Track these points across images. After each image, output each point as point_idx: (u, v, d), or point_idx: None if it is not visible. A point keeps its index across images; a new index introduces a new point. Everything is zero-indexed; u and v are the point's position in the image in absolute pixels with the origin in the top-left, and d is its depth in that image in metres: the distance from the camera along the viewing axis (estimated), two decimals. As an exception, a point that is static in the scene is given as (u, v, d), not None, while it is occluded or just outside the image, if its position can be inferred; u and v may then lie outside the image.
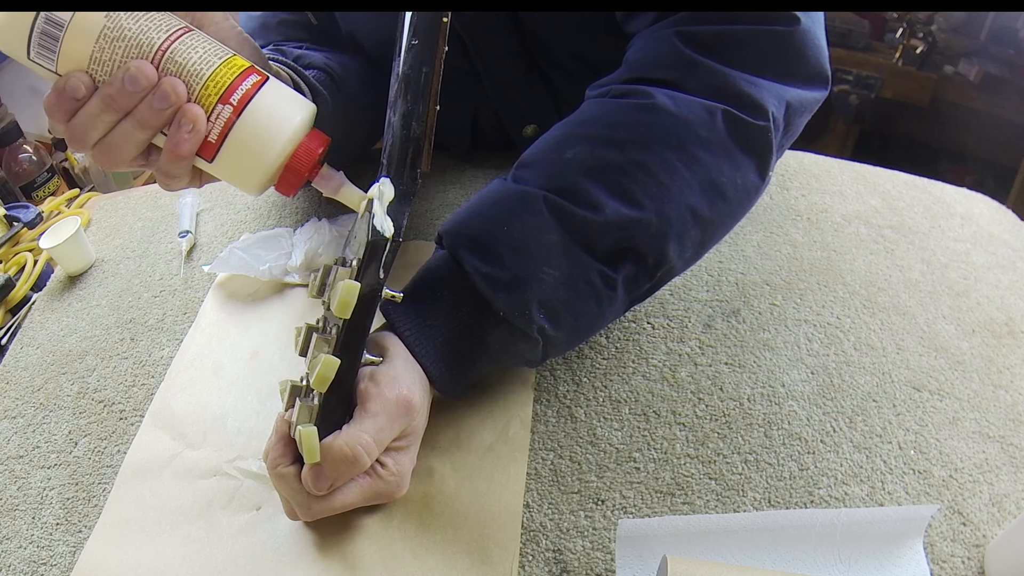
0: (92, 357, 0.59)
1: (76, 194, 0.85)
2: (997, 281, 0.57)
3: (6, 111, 1.43)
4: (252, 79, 0.37)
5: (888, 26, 1.72)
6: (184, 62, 0.36)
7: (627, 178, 0.43)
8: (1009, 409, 0.47)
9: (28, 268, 0.71)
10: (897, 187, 0.69)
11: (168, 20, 0.37)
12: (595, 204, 0.43)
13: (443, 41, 0.43)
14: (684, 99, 0.45)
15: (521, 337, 0.43)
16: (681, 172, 0.43)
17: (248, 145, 0.37)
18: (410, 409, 0.41)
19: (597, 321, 0.46)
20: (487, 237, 0.43)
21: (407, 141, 0.42)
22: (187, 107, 0.36)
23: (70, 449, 0.51)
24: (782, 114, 0.46)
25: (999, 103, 1.61)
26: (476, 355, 0.45)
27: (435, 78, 0.42)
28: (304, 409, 0.40)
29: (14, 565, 0.44)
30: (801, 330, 0.53)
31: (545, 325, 0.43)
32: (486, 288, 0.42)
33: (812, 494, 0.43)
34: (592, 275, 0.43)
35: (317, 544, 0.42)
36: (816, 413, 0.47)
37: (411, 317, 0.44)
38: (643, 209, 0.43)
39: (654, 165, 0.43)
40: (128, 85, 0.35)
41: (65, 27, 0.35)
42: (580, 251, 0.43)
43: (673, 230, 0.44)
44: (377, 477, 0.41)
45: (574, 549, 0.41)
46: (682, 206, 0.44)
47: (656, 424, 0.47)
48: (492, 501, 0.43)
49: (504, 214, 0.43)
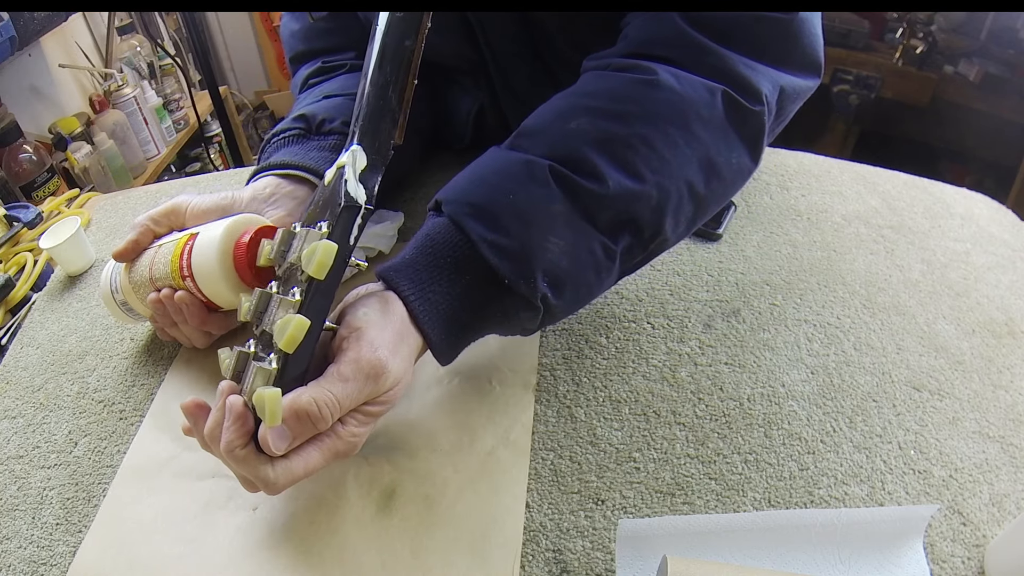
0: (92, 357, 0.59)
1: (76, 194, 0.85)
2: (997, 281, 0.57)
3: (6, 111, 1.43)
4: (188, 247, 0.50)
5: (888, 26, 1.72)
6: (162, 272, 0.52)
7: (631, 151, 0.43)
8: (1009, 409, 0.47)
9: (28, 268, 0.71)
10: (897, 187, 0.69)
11: (152, 251, 0.53)
12: (599, 176, 0.43)
13: (427, 17, 0.44)
14: (686, 77, 0.45)
15: (524, 305, 0.43)
16: (682, 148, 0.44)
17: (205, 283, 0.49)
18: (379, 375, 0.39)
19: (594, 290, 0.46)
20: (492, 205, 0.42)
21: (383, 111, 0.43)
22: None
23: (70, 449, 0.51)
24: (775, 99, 0.47)
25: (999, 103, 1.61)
26: (477, 323, 0.44)
27: (416, 51, 0.43)
28: (261, 372, 0.38)
29: (14, 565, 0.44)
30: (801, 330, 0.53)
31: (548, 294, 0.43)
32: (492, 256, 0.41)
33: (812, 494, 0.43)
34: (594, 246, 0.43)
35: (316, 544, 0.42)
36: (816, 413, 0.47)
37: (414, 283, 0.43)
38: (645, 182, 0.43)
39: (657, 140, 0.43)
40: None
41: (125, 295, 0.54)
42: (583, 222, 0.43)
43: (671, 204, 0.44)
44: (336, 437, 0.40)
45: (574, 549, 0.41)
46: (681, 181, 0.44)
47: (656, 424, 0.47)
48: (494, 503, 0.43)
49: (509, 182, 0.43)
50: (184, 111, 2.09)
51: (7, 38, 1.35)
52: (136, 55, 1.93)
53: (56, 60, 1.70)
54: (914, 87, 1.69)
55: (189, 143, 2.09)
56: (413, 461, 0.46)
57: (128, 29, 1.91)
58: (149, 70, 1.97)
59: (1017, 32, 1.60)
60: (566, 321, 0.55)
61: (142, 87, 1.88)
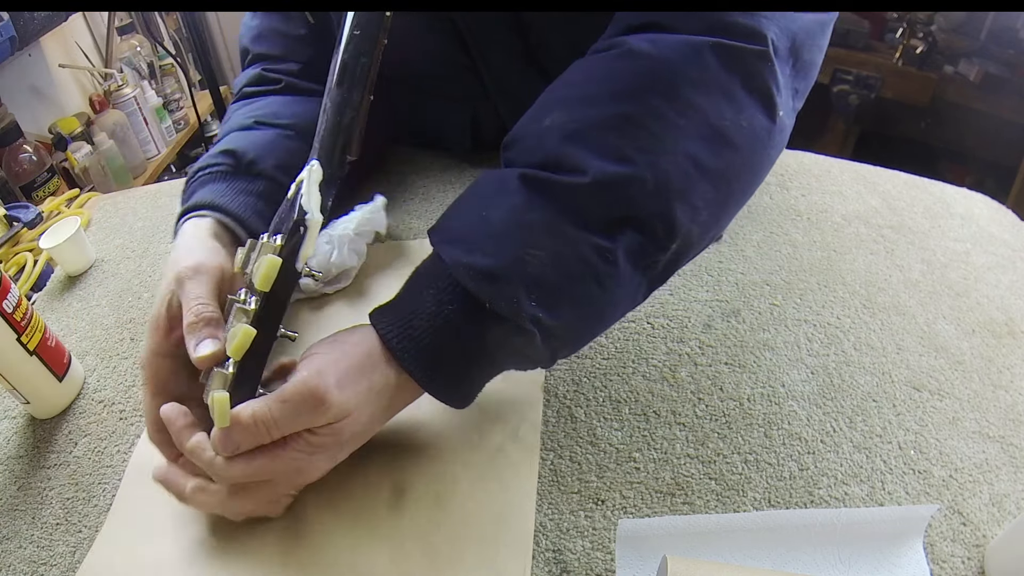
0: (92, 357, 0.59)
1: (76, 194, 0.85)
2: (997, 281, 0.57)
3: (6, 111, 1.43)
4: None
5: (888, 26, 1.72)
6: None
7: (612, 134, 0.39)
8: (1009, 409, 0.47)
9: (28, 268, 0.71)
10: (897, 187, 0.69)
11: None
12: (578, 168, 0.38)
13: (384, 34, 0.44)
14: (663, 39, 0.40)
15: (515, 331, 0.39)
16: (673, 120, 0.38)
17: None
18: (318, 404, 0.38)
19: (605, 305, 0.41)
20: (467, 227, 0.41)
21: (339, 127, 0.43)
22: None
23: (70, 449, 0.51)
24: (786, 45, 0.41)
25: (999, 103, 1.61)
26: (470, 357, 0.41)
27: (372, 68, 0.44)
28: (219, 376, 0.40)
29: (14, 565, 0.44)
30: (801, 330, 0.53)
31: (539, 314, 0.38)
32: (468, 279, 0.39)
33: (812, 494, 0.43)
34: (585, 251, 0.38)
35: (326, 546, 0.42)
36: (816, 413, 0.47)
37: (396, 317, 0.41)
38: (634, 164, 0.38)
39: (641, 116, 0.39)
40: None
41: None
42: (568, 226, 0.38)
43: (675, 186, 0.38)
44: (276, 456, 0.40)
45: (574, 549, 0.41)
46: (680, 157, 0.38)
47: (656, 424, 0.47)
48: (503, 501, 0.43)
49: (483, 200, 0.41)
50: (184, 111, 2.09)
51: (7, 38, 1.35)
52: (136, 55, 1.93)
53: (56, 60, 1.70)
54: (914, 87, 1.69)
55: (189, 143, 2.09)
56: (422, 459, 0.46)
57: (128, 29, 1.91)
58: (149, 70, 1.97)
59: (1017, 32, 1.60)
60: (566, 321, 0.55)
61: (142, 87, 1.88)
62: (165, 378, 0.45)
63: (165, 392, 0.44)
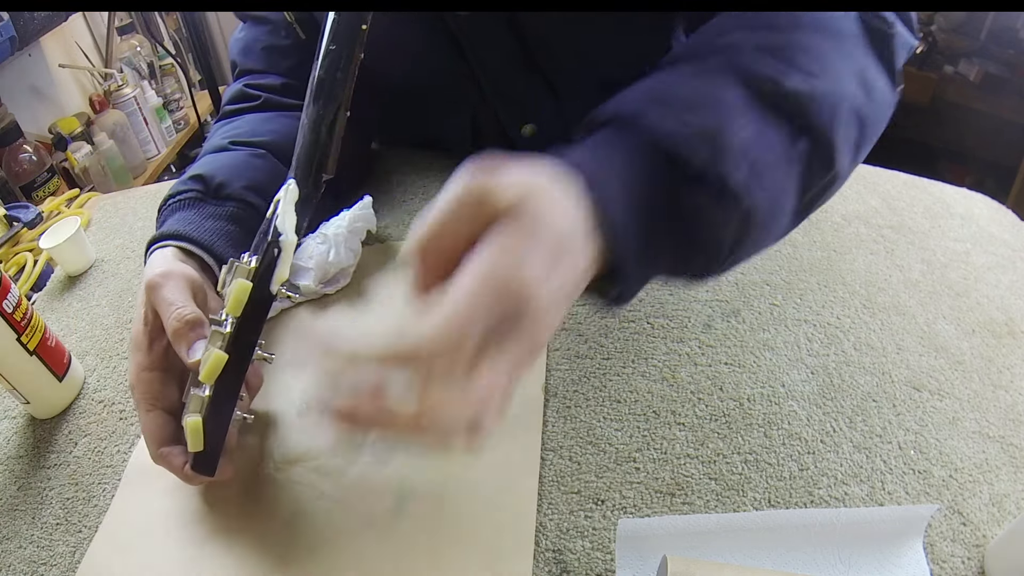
0: (92, 357, 0.59)
1: (76, 194, 0.85)
2: (997, 281, 0.57)
3: (6, 111, 1.43)
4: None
5: (888, 26, 1.71)
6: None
7: (797, 53, 0.39)
8: (1009, 409, 0.47)
9: (28, 268, 0.71)
10: (897, 187, 0.69)
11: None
12: (773, 71, 0.38)
13: (360, 48, 0.43)
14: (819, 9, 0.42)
15: (716, 196, 0.34)
16: (837, 61, 0.40)
17: None
18: (520, 300, 0.28)
19: (783, 198, 0.38)
20: (667, 95, 0.37)
21: (315, 145, 0.43)
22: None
23: (70, 449, 0.51)
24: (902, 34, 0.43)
25: (999, 103, 1.61)
26: (665, 217, 0.35)
27: (348, 84, 0.43)
28: (195, 399, 0.40)
29: (14, 565, 0.44)
30: (801, 330, 0.53)
31: (746, 178, 0.35)
32: (679, 129, 0.34)
33: (812, 494, 0.43)
34: (776, 141, 0.37)
35: (327, 545, 0.42)
36: (816, 413, 0.47)
37: (595, 185, 0.33)
38: (816, 81, 0.38)
39: (814, 47, 0.40)
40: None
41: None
42: (765, 111, 0.37)
43: (840, 113, 0.39)
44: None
45: (574, 549, 0.41)
46: (844, 89, 0.40)
47: (656, 424, 0.47)
48: (505, 503, 0.43)
49: (681, 77, 0.39)
50: (184, 111, 2.09)
51: (7, 38, 1.35)
52: (136, 55, 1.93)
53: (56, 60, 1.70)
54: (914, 87, 1.69)
55: (189, 143, 2.09)
56: (424, 461, 0.46)
57: (128, 29, 1.91)
58: (149, 70, 1.97)
59: (1017, 32, 1.60)
60: (566, 321, 0.55)
61: (142, 87, 1.88)
62: (156, 392, 0.44)
63: (158, 406, 0.44)
